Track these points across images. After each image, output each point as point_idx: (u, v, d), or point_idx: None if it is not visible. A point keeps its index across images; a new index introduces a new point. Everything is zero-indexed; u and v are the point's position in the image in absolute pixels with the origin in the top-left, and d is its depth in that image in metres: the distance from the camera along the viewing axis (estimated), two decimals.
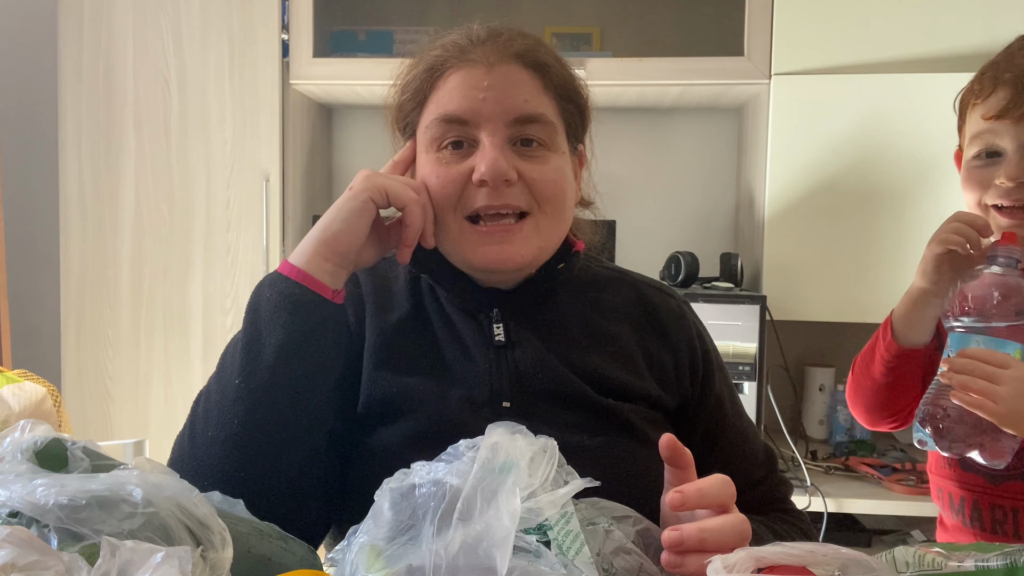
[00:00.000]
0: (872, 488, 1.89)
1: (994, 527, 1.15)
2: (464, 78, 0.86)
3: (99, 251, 2.14)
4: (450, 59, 0.87)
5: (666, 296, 0.98)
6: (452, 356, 0.89)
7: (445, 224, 0.87)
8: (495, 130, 0.85)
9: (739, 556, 0.51)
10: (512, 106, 0.85)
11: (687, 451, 0.68)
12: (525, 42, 0.88)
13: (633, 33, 2.42)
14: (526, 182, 0.85)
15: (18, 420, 0.67)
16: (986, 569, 0.53)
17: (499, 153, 0.84)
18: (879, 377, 1.22)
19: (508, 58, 0.86)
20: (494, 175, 0.83)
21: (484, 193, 0.84)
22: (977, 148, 1.12)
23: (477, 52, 0.86)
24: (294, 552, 0.67)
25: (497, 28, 0.90)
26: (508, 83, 0.85)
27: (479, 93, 0.84)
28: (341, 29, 2.38)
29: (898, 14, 1.97)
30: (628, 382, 0.89)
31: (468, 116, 0.85)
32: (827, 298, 2.00)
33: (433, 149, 0.88)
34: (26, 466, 0.56)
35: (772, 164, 2.02)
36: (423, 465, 0.64)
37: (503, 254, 0.86)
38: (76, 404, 2.14)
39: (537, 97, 0.86)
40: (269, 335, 0.79)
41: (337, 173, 2.52)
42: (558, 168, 0.88)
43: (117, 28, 2.12)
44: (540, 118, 0.86)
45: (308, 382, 0.80)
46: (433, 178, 0.86)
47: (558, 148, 0.88)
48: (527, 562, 0.56)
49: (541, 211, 0.86)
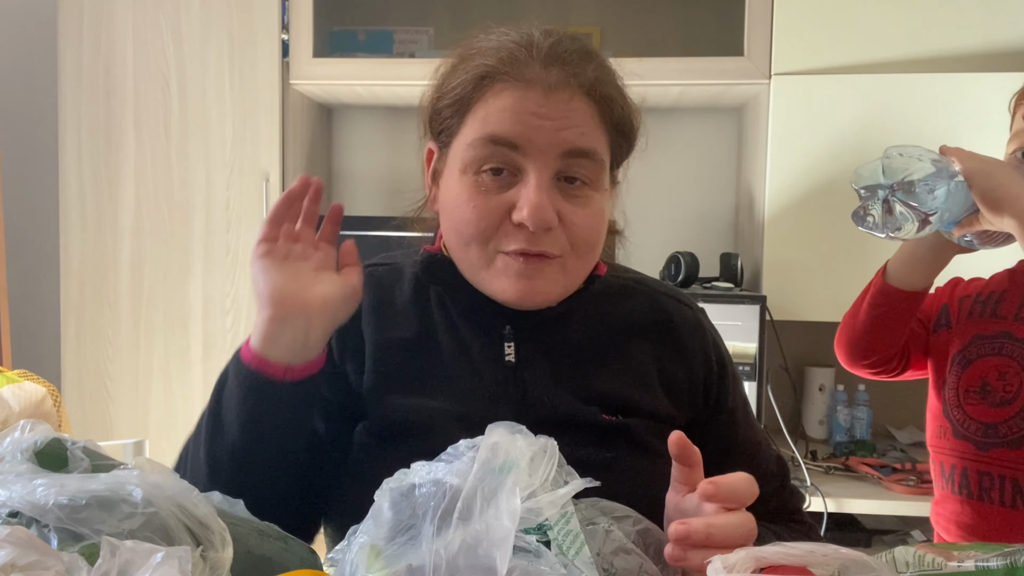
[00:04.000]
0: (872, 488, 1.89)
1: (981, 494, 1.17)
2: (519, 99, 0.78)
3: (99, 251, 2.14)
4: (504, 73, 0.79)
5: (683, 306, 0.94)
6: (459, 373, 0.85)
7: (470, 251, 0.81)
8: (545, 163, 0.78)
9: (739, 556, 0.51)
10: (567, 138, 0.78)
11: (696, 449, 0.68)
12: (593, 71, 0.80)
13: (633, 33, 2.42)
14: (565, 226, 0.79)
15: (18, 420, 0.67)
16: (986, 569, 0.53)
17: (545, 196, 0.77)
18: (863, 315, 1.26)
19: (568, 83, 0.78)
20: (537, 223, 0.77)
21: (522, 236, 0.78)
22: (1015, 146, 1.16)
23: (537, 71, 0.78)
24: (294, 552, 0.67)
25: (561, 44, 0.80)
26: (567, 112, 0.78)
27: (535, 120, 0.77)
28: (341, 29, 2.38)
29: (898, 14, 1.97)
30: (639, 400, 0.86)
31: (520, 141, 0.77)
32: (827, 298, 1.99)
33: (471, 171, 0.80)
34: (26, 466, 0.56)
35: (772, 164, 2.02)
36: (423, 465, 0.64)
37: (528, 290, 0.80)
38: (76, 404, 2.14)
39: (594, 132, 0.80)
40: (228, 412, 0.78)
41: (337, 173, 2.52)
42: (598, 212, 0.82)
43: (117, 28, 2.12)
44: (592, 155, 0.79)
45: (273, 457, 0.79)
46: (470, 207, 0.79)
47: (601, 186, 0.82)
48: (527, 562, 0.56)
49: (575, 255, 0.81)
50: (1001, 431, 1.16)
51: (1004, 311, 1.21)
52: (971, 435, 1.19)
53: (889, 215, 1.01)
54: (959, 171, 1.01)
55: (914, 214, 1.00)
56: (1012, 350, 1.18)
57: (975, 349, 1.22)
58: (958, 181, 1.00)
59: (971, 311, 1.25)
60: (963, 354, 1.23)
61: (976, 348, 1.21)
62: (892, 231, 1.02)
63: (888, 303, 1.22)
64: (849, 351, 1.32)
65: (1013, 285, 1.22)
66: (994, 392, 1.18)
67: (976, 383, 1.20)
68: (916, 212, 1.00)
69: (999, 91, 1.27)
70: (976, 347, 1.22)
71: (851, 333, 1.30)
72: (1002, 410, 1.17)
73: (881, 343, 1.27)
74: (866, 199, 1.03)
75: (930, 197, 0.99)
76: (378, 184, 2.51)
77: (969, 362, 1.22)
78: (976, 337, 1.22)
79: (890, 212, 1.01)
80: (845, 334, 1.32)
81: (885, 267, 1.24)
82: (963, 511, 1.21)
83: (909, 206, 1.00)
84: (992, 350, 1.20)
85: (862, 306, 1.26)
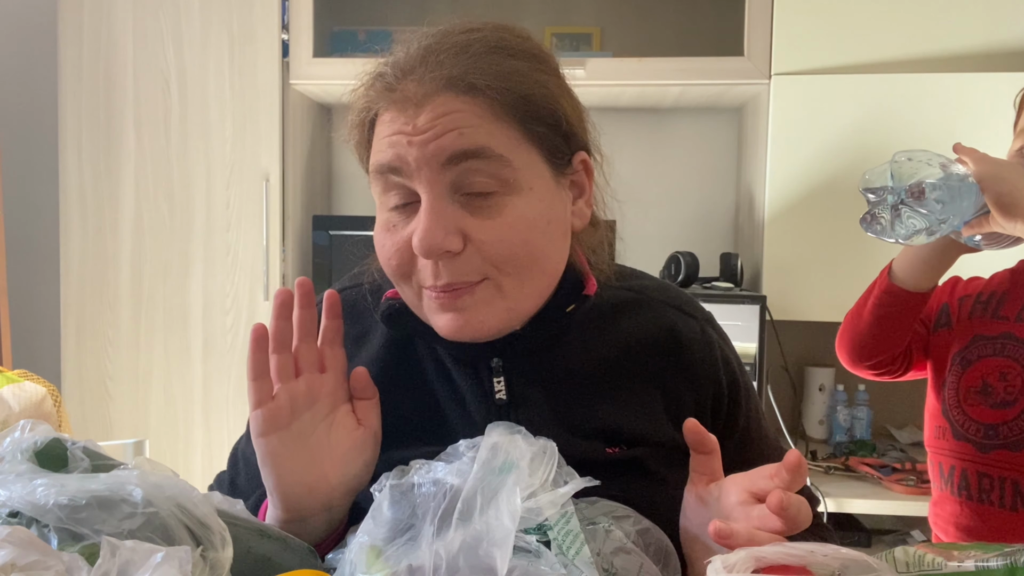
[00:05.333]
0: (872, 488, 1.89)
1: (981, 496, 1.17)
2: (390, 124, 0.72)
3: (99, 251, 2.14)
4: (379, 99, 0.74)
5: (689, 319, 0.86)
6: (449, 413, 0.79)
7: (403, 290, 0.76)
8: (431, 180, 0.70)
9: (739, 556, 0.51)
10: (442, 145, 0.69)
11: (711, 436, 0.67)
12: (469, 63, 0.71)
13: (633, 33, 2.42)
14: (476, 245, 0.70)
15: (18, 420, 0.67)
16: (986, 569, 0.53)
17: (436, 218, 0.69)
18: (867, 315, 1.25)
19: (438, 89, 0.70)
20: (427, 251, 0.69)
21: (428, 269, 0.71)
22: (1021, 142, 1.16)
23: (405, 86, 0.71)
24: (294, 552, 0.67)
25: (435, 45, 0.72)
26: (440, 118, 0.69)
27: (405, 138, 0.70)
28: (341, 29, 2.38)
29: (898, 14, 1.97)
30: (643, 429, 0.80)
31: (396, 163, 0.71)
32: (827, 298, 1.99)
33: (383, 209, 0.75)
34: (26, 466, 0.56)
35: (772, 164, 2.02)
36: (423, 464, 0.64)
37: (460, 323, 0.72)
38: (76, 404, 2.14)
39: (481, 127, 0.70)
40: None
41: (337, 173, 2.53)
42: (518, 218, 0.71)
43: (117, 28, 2.12)
44: (481, 152, 0.69)
45: None
46: (383, 247, 0.75)
47: (521, 187, 0.72)
48: (527, 562, 0.56)
49: (502, 273, 0.72)
50: (1002, 432, 1.15)
51: (1006, 312, 1.21)
52: (971, 436, 1.19)
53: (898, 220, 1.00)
54: (970, 174, 1.00)
55: (924, 220, 0.99)
56: (1014, 351, 1.17)
57: (976, 349, 1.21)
58: (969, 184, 0.99)
59: (972, 311, 1.25)
60: (963, 354, 1.23)
61: (977, 348, 1.21)
62: (903, 238, 1.01)
63: (894, 303, 1.21)
64: (852, 352, 1.31)
65: (1015, 285, 1.22)
66: (995, 393, 1.17)
67: (977, 383, 1.20)
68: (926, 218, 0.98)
69: (1000, 91, 1.28)
70: (977, 347, 1.21)
71: (854, 334, 1.29)
72: (1003, 411, 1.16)
73: (885, 344, 1.27)
74: (874, 204, 1.02)
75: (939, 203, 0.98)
76: None
77: (970, 362, 1.22)
78: (977, 337, 1.22)
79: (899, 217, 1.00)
80: (848, 335, 1.31)
81: (890, 267, 1.23)
82: (962, 512, 1.20)
83: (919, 212, 0.98)
84: (994, 351, 1.19)
85: (866, 307, 1.25)
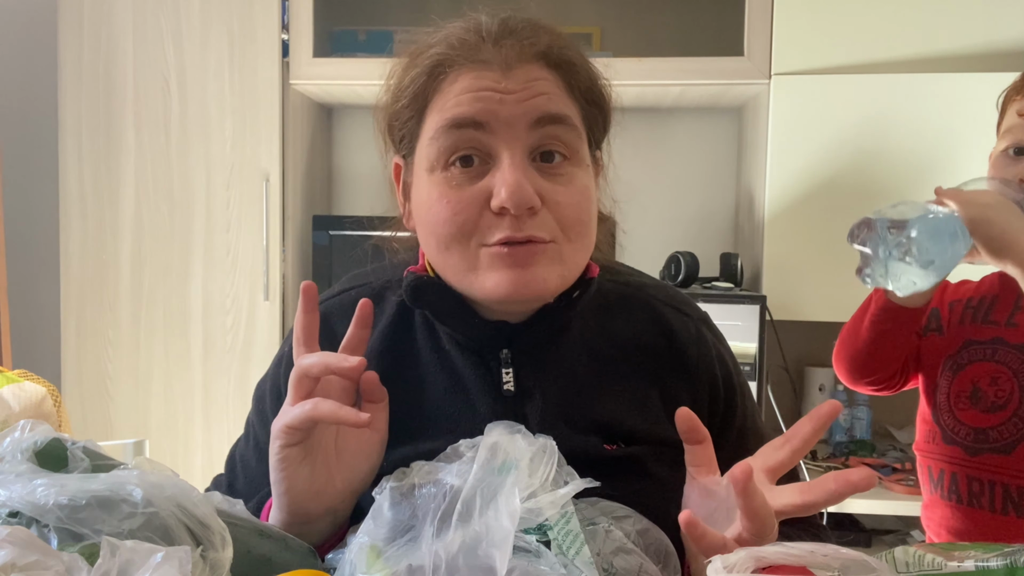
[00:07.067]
0: (872, 488, 1.89)
1: (971, 500, 1.16)
2: (476, 80, 0.72)
3: (99, 251, 2.14)
4: (458, 59, 0.74)
5: (683, 317, 0.87)
6: (453, 406, 0.79)
7: (452, 253, 0.74)
8: (515, 137, 0.72)
9: (739, 556, 0.51)
10: (535, 105, 0.72)
11: (703, 427, 0.67)
12: (549, 38, 0.75)
13: (633, 33, 2.42)
14: (550, 207, 0.72)
15: (18, 420, 0.67)
16: (986, 569, 0.53)
17: (522, 174, 0.71)
18: (865, 332, 1.23)
19: (529, 58, 0.74)
20: (518, 203, 0.70)
21: (506, 223, 0.71)
22: (1007, 143, 1.14)
23: (490, 51, 0.73)
24: (294, 552, 0.67)
25: (510, 21, 0.76)
26: (529, 83, 0.72)
27: (496, 95, 0.72)
28: (341, 29, 2.38)
29: (898, 14, 1.97)
30: (641, 426, 0.80)
31: (484, 118, 0.71)
32: (827, 298, 1.99)
33: (439, 167, 0.74)
34: (26, 466, 0.56)
35: (772, 164, 2.01)
36: (423, 465, 0.64)
37: (523, 280, 0.72)
38: (76, 404, 2.14)
39: (562, 98, 0.74)
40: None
41: (337, 173, 2.53)
42: (584, 188, 0.75)
43: (117, 28, 2.12)
44: (566, 119, 0.74)
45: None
46: (443, 204, 0.73)
47: (582, 161, 0.76)
48: (527, 562, 0.56)
49: (566, 239, 0.74)
50: (991, 436, 1.15)
51: (996, 316, 1.20)
52: (961, 440, 1.18)
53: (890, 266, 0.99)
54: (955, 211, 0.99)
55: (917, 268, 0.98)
56: (1005, 356, 1.16)
57: (967, 354, 1.20)
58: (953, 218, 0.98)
59: (963, 316, 1.23)
60: (955, 359, 1.22)
61: (968, 353, 1.20)
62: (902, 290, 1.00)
63: (891, 319, 1.19)
64: (852, 370, 1.29)
65: (1004, 290, 1.20)
66: (985, 397, 1.16)
67: (967, 388, 1.19)
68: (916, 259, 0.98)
69: (999, 91, 1.27)
70: (968, 352, 1.20)
71: (852, 351, 1.27)
72: (993, 415, 1.16)
73: (884, 360, 1.25)
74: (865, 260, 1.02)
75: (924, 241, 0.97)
76: (378, 184, 2.49)
77: (961, 367, 1.21)
78: (968, 342, 1.21)
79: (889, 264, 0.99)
80: (845, 352, 1.28)
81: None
82: (953, 516, 1.20)
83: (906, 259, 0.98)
84: (985, 355, 1.18)
85: (863, 324, 1.23)
